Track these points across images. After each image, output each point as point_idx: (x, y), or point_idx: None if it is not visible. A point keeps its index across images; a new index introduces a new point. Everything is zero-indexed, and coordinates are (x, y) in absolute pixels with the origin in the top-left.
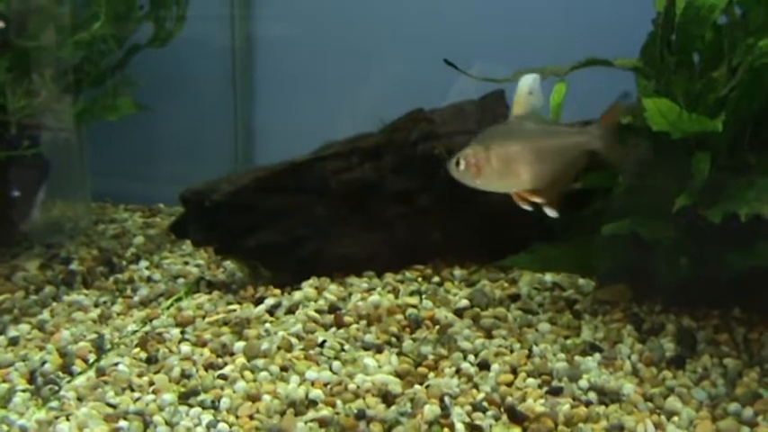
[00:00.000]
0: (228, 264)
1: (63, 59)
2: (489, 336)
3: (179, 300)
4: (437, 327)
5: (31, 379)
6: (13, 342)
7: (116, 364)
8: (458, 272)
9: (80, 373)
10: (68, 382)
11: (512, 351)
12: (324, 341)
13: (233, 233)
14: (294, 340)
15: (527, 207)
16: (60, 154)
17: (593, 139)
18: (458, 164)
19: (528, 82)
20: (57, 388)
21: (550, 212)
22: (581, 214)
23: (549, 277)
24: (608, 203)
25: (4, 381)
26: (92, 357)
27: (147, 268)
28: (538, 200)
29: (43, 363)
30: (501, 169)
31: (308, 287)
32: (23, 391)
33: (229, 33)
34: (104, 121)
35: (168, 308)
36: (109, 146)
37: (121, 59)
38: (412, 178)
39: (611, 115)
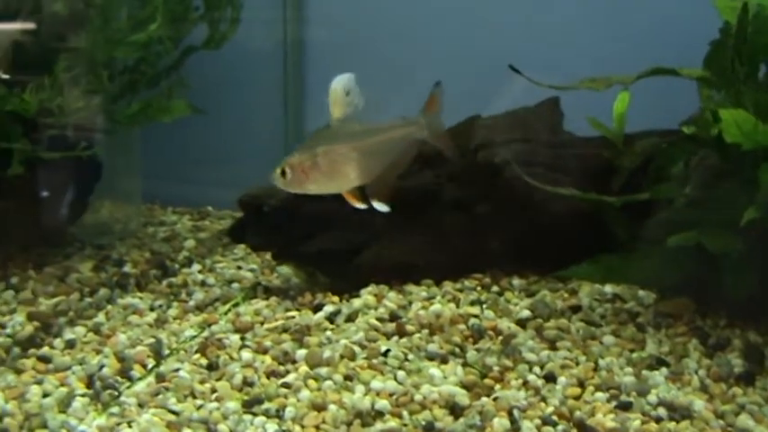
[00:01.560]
0: (282, 269)
1: (118, 60)
2: (553, 347)
3: (236, 305)
4: (500, 337)
5: (89, 383)
6: (70, 345)
7: (176, 370)
8: (516, 281)
9: (140, 379)
10: (128, 387)
11: (577, 363)
12: (387, 350)
13: (291, 238)
14: (357, 349)
15: (360, 206)
16: (113, 155)
17: (418, 129)
18: (284, 173)
19: (343, 82)
20: (116, 393)
21: (381, 207)
22: (644, 225)
23: (608, 288)
24: (673, 214)
25: (62, 384)
26: (150, 362)
27: (200, 272)
28: (360, 204)
29: (101, 367)
30: (329, 171)
31: (366, 294)
32: (82, 395)
33: (281, 36)
34: (157, 122)
35: (226, 313)
36: (158, 147)
37: (176, 61)
38: (470, 186)
39: (432, 104)
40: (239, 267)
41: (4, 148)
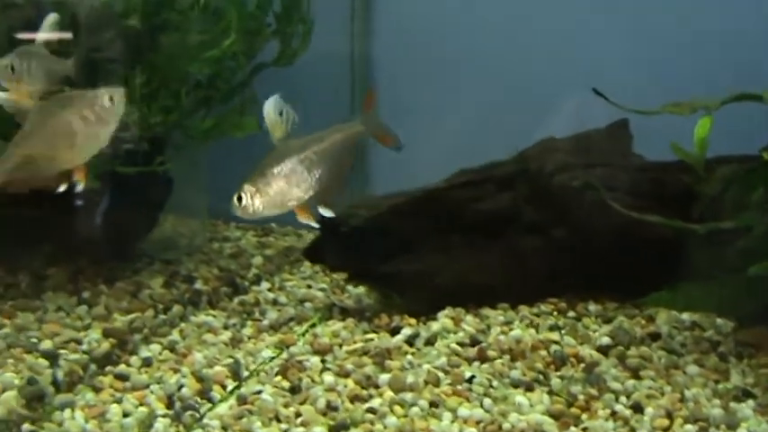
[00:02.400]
0: (353, 288)
1: (193, 75)
2: (637, 376)
3: (313, 326)
4: (582, 365)
5: (169, 403)
6: (147, 363)
7: (258, 393)
8: (592, 306)
9: (221, 401)
10: (210, 409)
11: (663, 394)
12: (472, 376)
13: (368, 259)
14: (441, 374)
15: (312, 223)
16: (184, 170)
17: (356, 127)
18: (240, 200)
19: (273, 104)
20: (198, 415)
21: (328, 213)
22: (724, 252)
23: (686, 316)
24: (752, 243)
25: (141, 404)
26: (229, 383)
27: (269, 290)
28: (312, 221)
29: (180, 387)
30: (286, 189)
31: (444, 317)
32: (163, 416)
33: (348, 50)
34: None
35: (303, 334)
36: (221, 162)
37: (247, 77)
38: (546, 209)
39: (368, 103)
40: (309, 286)
41: None
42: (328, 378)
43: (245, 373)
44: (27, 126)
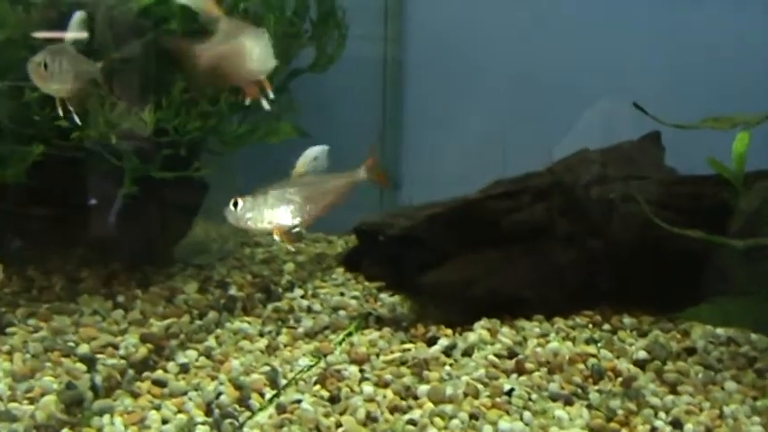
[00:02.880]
0: (386, 297)
1: None
2: (675, 392)
3: (349, 334)
4: (620, 379)
5: (207, 411)
6: (184, 369)
7: (298, 402)
8: (627, 319)
9: (260, 409)
10: (249, 417)
11: (701, 410)
12: (512, 389)
13: (405, 269)
14: (480, 386)
15: (289, 246)
16: (217, 174)
17: (357, 174)
18: (235, 205)
19: (315, 152)
20: (237, 423)
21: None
22: (761, 268)
23: (721, 331)
24: None
25: (180, 411)
26: (267, 391)
27: (303, 297)
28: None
29: (218, 394)
30: (272, 215)
31: (480, 329)
32: (203, 423)
33: (381, 55)
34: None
35: (340, 343)
36: (252, 166)
37: (283, 83)
38: (582, 221)
39: (372, 158)
40: (342, 294)
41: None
42: (367, 388)
43: (283, 382)
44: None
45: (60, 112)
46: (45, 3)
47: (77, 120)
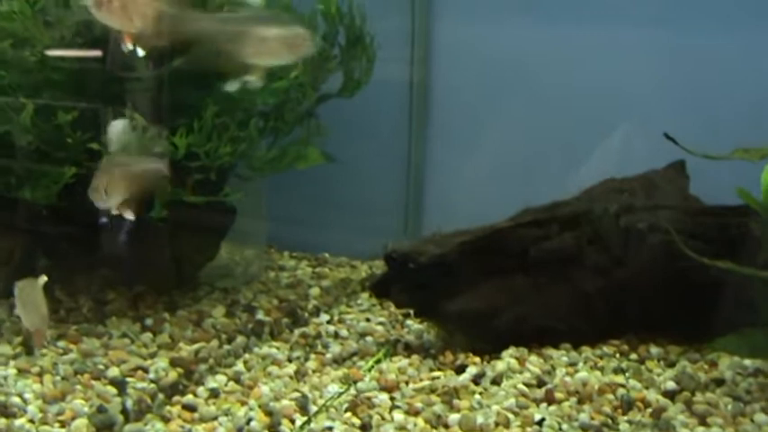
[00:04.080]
0: (412, 323)
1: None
2: (705, 423)
3: (378, 361)
4: (649, 409)
5: None
6: (214, 394)
7: (329, 429)
8: (654, 349)
9: None
10: None
11: None
12: (542, 419)
13: (434, 297)
14: (510, 415)
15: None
16: (243, 197)
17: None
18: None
19: (118, 127)
20: None
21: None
22: None
23: (748, 362)
24: None
25: None
26: (297, 417)
27: (329, 322)
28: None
29: (249, 420)
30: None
31: (508, 357)
32: None
33: (407, 77)
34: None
35: (370, 370)
36: (275, 190)
37: (310, 108)
38: (609, 250)
39: None
40: (368, 320)
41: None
42: (398, 416)
43: (313, 408)
44: None
45: (129, 47)
46: (78, 24)
47: (141, 52)
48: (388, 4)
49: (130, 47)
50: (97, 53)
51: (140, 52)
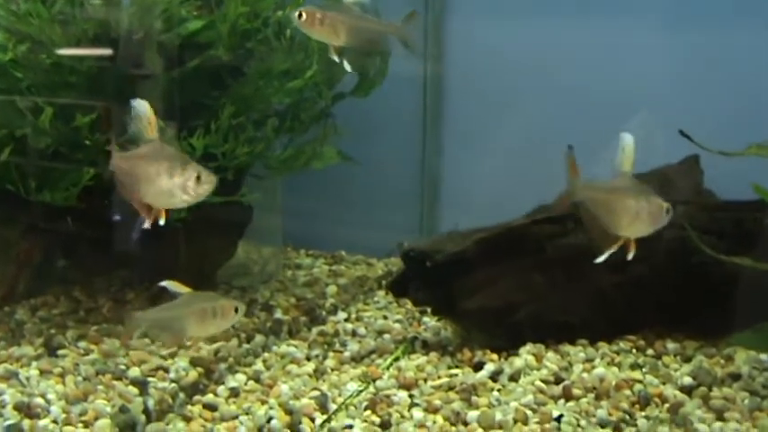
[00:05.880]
0: (429, 321)
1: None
2: (722, 418)
3: (396, 359)
4: (666, 405)
5: None
6: (234, 393)
7: (349, 427)
8: (670, 344)
9: None
10: None
11: None
12: (561, 415)
13: (451, 294)
14: (528, 412)
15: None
16: (263, 198)
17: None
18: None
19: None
20: None
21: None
22: None
23: (764, 356)
24: None
25: None
26: (317, 416)
27: (347, 320)
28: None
29: (269, 419)
30: None
31: (526, 354)
32: None
33: (421, 73)
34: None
35: (388, 367)
36: (291, 188)
37: (325, 107)
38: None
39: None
40: (385, 317)
41: None
42: (417, 414)
43: (333, 406)
44: None
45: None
46: (95, 25)
47: (348, 67)
48: (402, 1)
49: (336, 58)
50: (108, 51)
51: (347, 66)
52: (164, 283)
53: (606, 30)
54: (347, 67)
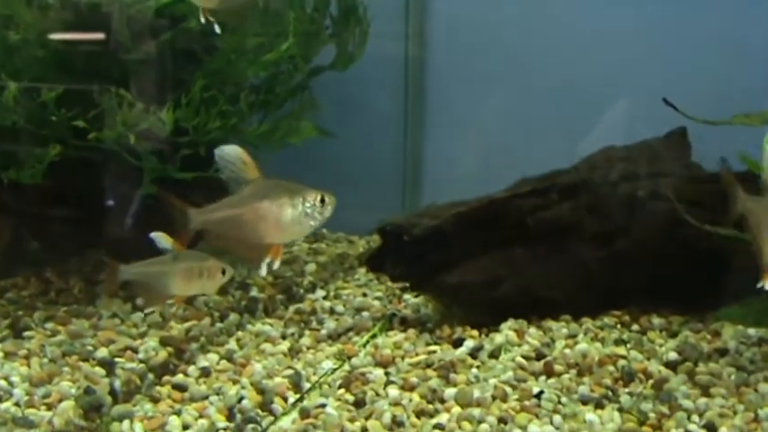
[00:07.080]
0: (410, 298)
1: (249, 79)
2: (707, 394)
3: (374, 336)
4: (651, 381)
5: (229, 416)
6: (205, 373)
7: (322, 406)
8: (656, 320)
9: (284, 414)
10: (272, 422)
11: (735, 413)
12: (541, 392)
13: (430, 269)
14: (508, 389)
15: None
16: None
17: None
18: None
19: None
20: (260, 428)
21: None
22: None
23: (752, 331)
24: None
25: (201, 416)
26: (290, 395)
27: (325, 298)
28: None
29: (240, 399)
30: None
31: (507, 329)
32: (224, 429)
33: (402, 53)
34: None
35: (364, 345)
36: (270, 165)
37: (302, 81)
38: (609, 219)
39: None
40: (365, 294)
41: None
42: (393, 391)
43: (307, 385)
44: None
45: (203, 20)
46: (61, 3)
47: (218, 30)
48: None
49: (203, 19)
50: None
51: (217, 28)
52: (152, 235)
53: (593, 7)
54: (217, 29)
